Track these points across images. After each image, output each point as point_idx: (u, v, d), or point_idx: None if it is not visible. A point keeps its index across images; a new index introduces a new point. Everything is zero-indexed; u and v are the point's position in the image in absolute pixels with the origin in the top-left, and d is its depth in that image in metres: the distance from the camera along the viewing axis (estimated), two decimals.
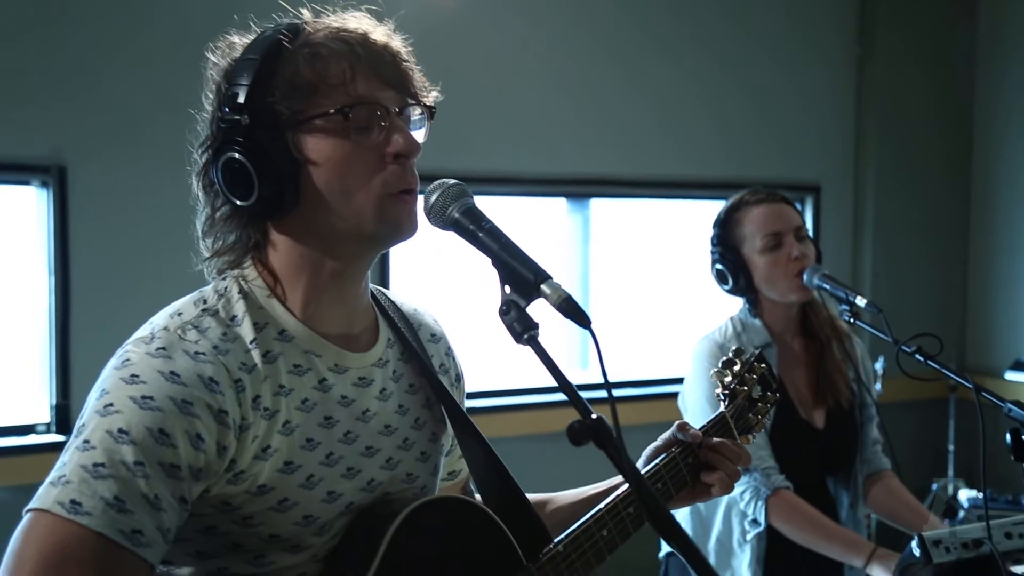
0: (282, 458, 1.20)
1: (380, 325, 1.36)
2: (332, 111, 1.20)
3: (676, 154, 4.86)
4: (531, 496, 1.54)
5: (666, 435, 1.54)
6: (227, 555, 1.21)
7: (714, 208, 2.59)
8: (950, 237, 5.53)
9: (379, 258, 4.15)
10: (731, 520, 2.37)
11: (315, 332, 1.26)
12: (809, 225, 5.23)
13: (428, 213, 1.23)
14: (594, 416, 1.06)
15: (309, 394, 1.23)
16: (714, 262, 2.46)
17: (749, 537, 2.33)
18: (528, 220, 4.80)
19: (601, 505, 1.40)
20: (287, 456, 1.20)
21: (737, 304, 2.51)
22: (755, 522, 2.30)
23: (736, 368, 1.70)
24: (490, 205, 4.73)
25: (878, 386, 4.73)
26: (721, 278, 2.45)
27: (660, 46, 4.80)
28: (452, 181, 1.23)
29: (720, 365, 1.70)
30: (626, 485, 1.43)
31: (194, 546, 1.21)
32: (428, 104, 1.30)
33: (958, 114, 5.50)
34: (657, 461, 1.49)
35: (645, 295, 4.98)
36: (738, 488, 2.30)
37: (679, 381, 2.56)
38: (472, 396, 4.29)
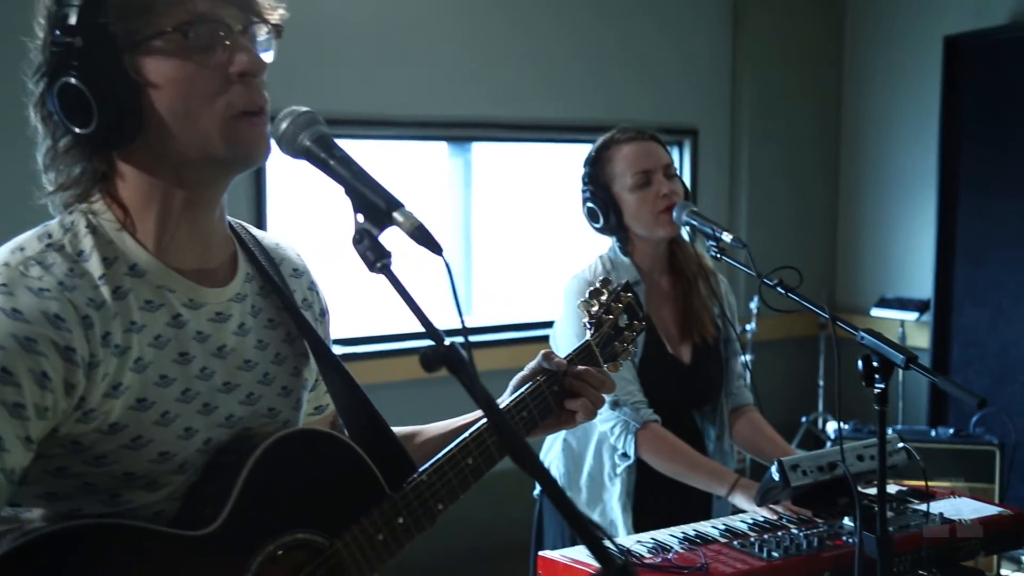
0: (134, 395, 1.17)
1: (239, 259, 1.33)
2: (170, 29, 1.16)
3: (557, 98, 4.87)
4: (400, 429, 1.54)
5: (532, 364, 1.56)
6: (79, 496, 1.18)
7: None
8: (821, 180, 5.71)
9: (255, 198, 4.10)
10: (602, 455, 2.42)
11: (168, 266, 1.23)
12: (687, 168, 5.32)
13: (279, 142, 1.20)
14: (447, 343, 1.06)
15: (162, 330, 1.21)
16: (585, 201, 2.47)
17: (619, 471, 2.38)
18: (408, 164, 4.75)
19: (466, 434, 1.41)
20: (140, 393, 1.18)
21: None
22: (625, 455, 2.35)
23: (603, 298, 1.72)
24: (368, 149, 4.68)
25: (752, 325, 4.89)
26: (592, 216, 2.47)
27: None
28: (302, 108, 1.20)
29: (587, 295, 1.72)
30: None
31: (43, 487, 1.18)
32: (274, 22, 1.25)
33: (828, 59, 5.65)
34: (523, 390, 1.51)
35: (527, 239, 5.00)
36: (608, 423, 2.34)
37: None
38: (357, 342, 4.28)
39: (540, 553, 2.11)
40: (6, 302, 1.11)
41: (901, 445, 2.17)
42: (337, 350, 1.42)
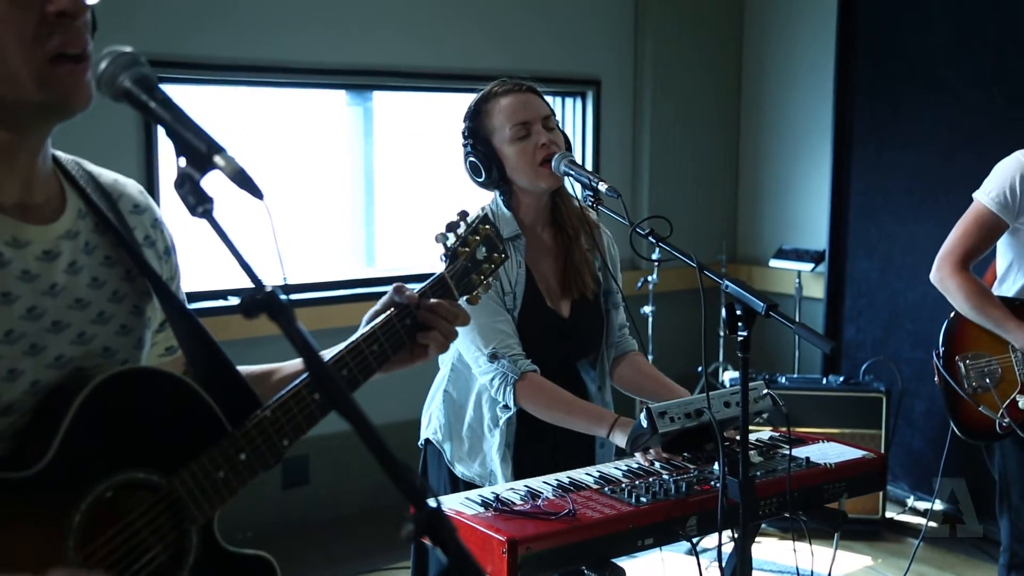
0: None
1: (68, 195, 1.28)
2: None
3: (459, 47, 4.82)
4: (256, 368, 1.51)
5: (384, 299, 1.54)
6: None
7: None
8: (721, 133, 5.77)
9: (145, 151, 4.00)
10: (482, 406, 2.43)
11: None
12: (590, 119, 5.33)
13: (98, 83, 1.16)
14: (267, 289, 1.04)
15: None
16: (467, 156, 2.45)
17: (500, 422, 2.39)
18: (304, 114, 4.67)
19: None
20: None
21: None
22: (506, 407, 2.37)
23: (460, 230, 1.70)
24: (264, 98, 4.55)
25: (654, 276, 4.95)
26: (474, 171, 2.45)
27: None
28: (124, 48, 1.16)
29: (444, 228, 1.70)
30: (342, 347, 1.45)
31: None
32: None
33: (728, 13, 5.70)
34: (374, 323, 1.49)
35: (430, 189, 4.97)
36: (487, 375, 2.35)
37: None
38: (203, 296, 4.13)
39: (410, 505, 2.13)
40: None
41: (765, 392, 2.22)
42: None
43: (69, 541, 1.14)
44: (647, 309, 5.03)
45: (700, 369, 5.26)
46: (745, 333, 1.98)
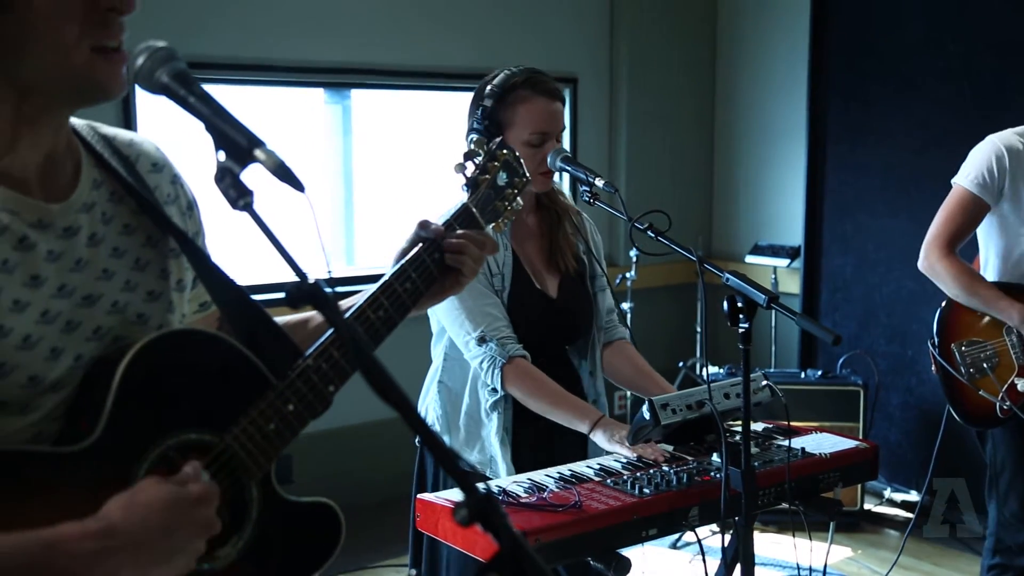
0: None
1: (83, 166, 1.28)
2: None
3: (437, 44, 4.82)
4: (291, 317, 1.50)
5: (410, 235, 1.53)
6: None
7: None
8: (697, 129, 5.82)
9: (121, 110, 3.95)
10: (478, 392, 2.43)
11: (7, 187, 1.18)
12: (567, 116, 5.34)
13: (136, 77, 1.17)
14: (311, 280, 1.05)
15: (8, 255, 1.16)
16: (472, 129, 2.43)
17: (493, 404, 2.40)
18: (281, 112, 4.65)
19: (349, 312, 1.40)
20: None
21: None
22: (494, 391, 2.38)
23: (478, 159, 1.67)
24: (242, 95, 4.52)
25: (632, 273, 4.98)
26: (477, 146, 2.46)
27: None
28: (160, 43, 1.17)
29: (461, 158, 1.67)
30: (376, 287, 1.45)
31: None
32: None
33: (703, 10, 5.75)
34: (403, 261, 1.48)
35: (409, 187, 4.97)
36: (476, 359, 2.36)
37: None
38: (270, 288, 4.13)
39: (419, 496, 2.14)
40: None
41: (765, 383, 2.26)
42: None
43: None
44: (625, 306, 5.06)
45: (681, 364, 5.33)
46: (746, 325, 2.01)
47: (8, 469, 1.10)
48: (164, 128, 3.98)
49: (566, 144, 5.33)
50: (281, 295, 1.05)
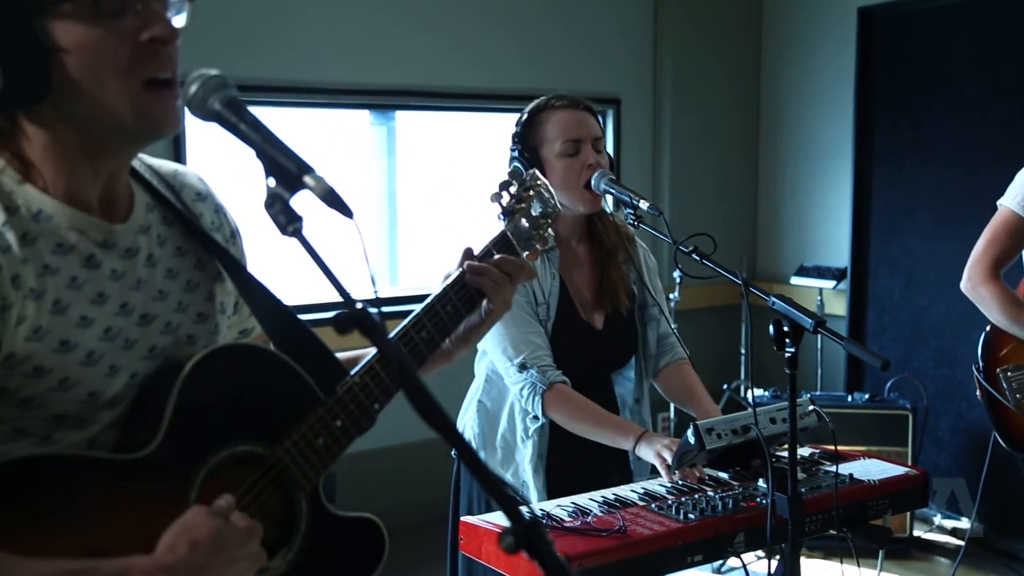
0: (57, 338, 1.18)
1: (135, 191, 1.32)
2: None
3: (480, 67, 4.85)
4: (344, 355, 1.54)
5: (456, 261, 1.60)
6: (9, 442, 1.19)
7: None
8: (741, 149, 5.79)
9: (172, 144, 4.02)
10: (515, 417, 2.44)
11: (75, 208, 1.22)
12: (610, 137, 5.35)
13: (188, 105, 1.19)
14: (359, 306, 1.06)
15: (77, 272, 1.21)
16: (512, 160, 2.47)
17: (531, 432, 2.40)
18: (328, 133, 4.70)
19: (394, 332, 1.45)
20: (62, 335, 1.18)
21: None
22: (535, 417, 2.38)
23: (512, 188, 1.74)
24: (289, 117, 4.58)
25: (676, 294, 4.95)
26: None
27: None
28: (212, 72, 1.19)
29: (497, 188, 1.73)
30: (419, 309, 1.51)
31: None
32: None
33: (747, 30, 5.73)
34: (444, 284, 1.56)
35: (452, 208, 4.99)
36: (516, 385, 2.36)
37: None
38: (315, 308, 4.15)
39: (462, 519, 2.13)
40: None
41: (812, 408, 2.23)
42: None
43: None
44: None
45: (725, 386, 5.28)
46: (793, 350, 1.98)
47: (70, 472, 1.15)
48: (212, 156, 4.06)
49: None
50: (327, 314, 1.06)
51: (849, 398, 4.50)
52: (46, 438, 1.20)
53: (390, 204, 4.90)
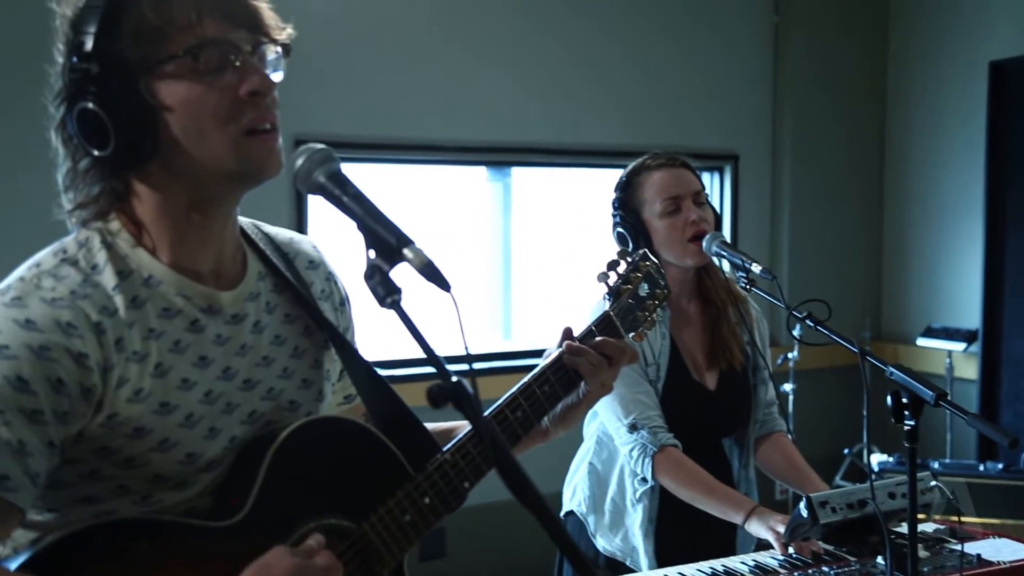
0: (157, 400, 1.21)
1: (248, 259, 1.36)
2: (180, 54, 1.19)
3: (597, 123, 4.87)
4: (438, 425, 1.55)
5: (558, 341, 1.58)
6: (114, 498, 1.23)
7: None
8: (864, 206, 5.63)
9: (296, 217, 4.14)
10: (624, 481, 2.40)
11: (183, 275, 1.26)
12: (727, 194, 5.29)
13: (295, 178, 1.22)
14: (454, 379, 1.06)
15: (181, 336, 1.24)
16: (615, 226, 2.47)
17: (640, 495, 2.36)
18: (447, 189, 4.78)
19: (488, 411, 1.44)
20: (163, 398, 1.22)
21: None
22: (644, 480, 2.33)
23: (620, 268, 1.71)
24: (406, 174, 4.69)
25: (795, 353, 4.83)
26: (622, 241, 2.46)
27: (581, 12, 4.81)
28: (319, 146, 1.22)
29: (605, 266, 1.71)
30: (515, 388, 1.49)
31: (80, 492, 1.22)
32: (282, 42, 1.27)
33: (872, 83, 5.60)
34: (543, 364, 1.54)
35: (567, 264, 5.00)
36: (627, 446, 2.33)
37: None
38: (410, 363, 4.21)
39: None
40: (20, 314, 1.15)
41: (934, 484, 2.12)
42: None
43: None
44: (788, 387, 4.90)
45: (846, 451, 5.09)
46: (912, 423, 1.90)
47: (164, 537, 1.18)
48: (333, 225, 4.16)
49: (726, 222, 5.28)
50: (421, 369, 1.07)
51: (981, 467, 4.28)
52: (147, 497, 1.23)
53: (505, 258, 4.94)
